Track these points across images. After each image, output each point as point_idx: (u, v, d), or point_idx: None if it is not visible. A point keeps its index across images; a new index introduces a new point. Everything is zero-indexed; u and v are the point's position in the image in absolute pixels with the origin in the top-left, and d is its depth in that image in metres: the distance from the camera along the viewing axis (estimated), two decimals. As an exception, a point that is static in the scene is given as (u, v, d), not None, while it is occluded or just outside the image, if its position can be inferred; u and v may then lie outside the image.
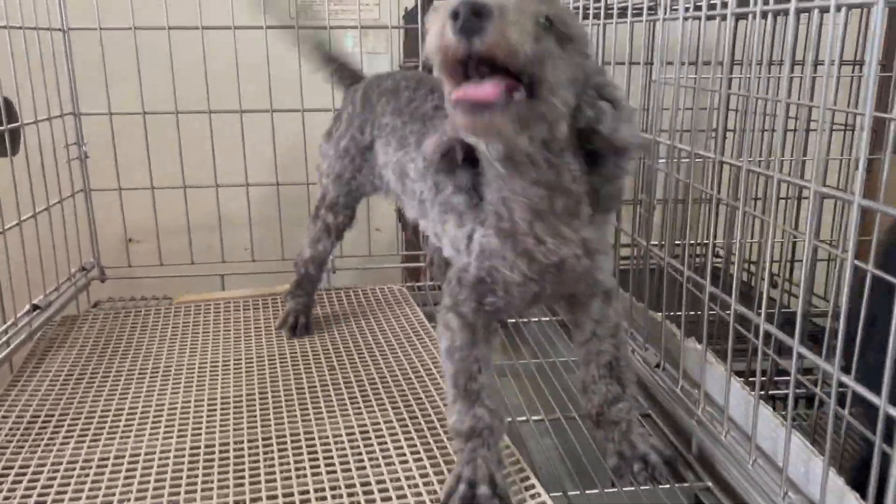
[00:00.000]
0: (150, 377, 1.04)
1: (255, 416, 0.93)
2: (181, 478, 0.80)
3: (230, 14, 1.29)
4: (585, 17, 1.16)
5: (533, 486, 0.76)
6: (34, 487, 0.78)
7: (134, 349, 1.13)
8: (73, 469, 0.82)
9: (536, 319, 1.32)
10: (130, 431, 0.90)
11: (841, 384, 0.60)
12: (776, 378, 1.18)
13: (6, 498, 0.77)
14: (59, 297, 1.25)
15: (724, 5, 0.77)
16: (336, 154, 1.10)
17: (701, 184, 1.16)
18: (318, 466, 0.81)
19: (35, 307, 1.17)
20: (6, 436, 0.89)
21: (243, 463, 0.82)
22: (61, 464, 0.83)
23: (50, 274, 1.23)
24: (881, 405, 0.55)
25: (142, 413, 0.94)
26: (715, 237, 1.44)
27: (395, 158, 0.99)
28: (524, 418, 0.97)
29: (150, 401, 0.97)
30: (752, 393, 0.75)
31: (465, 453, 0.74)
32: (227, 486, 0.78)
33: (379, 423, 0.90)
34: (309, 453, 0.84)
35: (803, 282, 0.69)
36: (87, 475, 0.81)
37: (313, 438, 0.87)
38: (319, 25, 1.34)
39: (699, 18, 0.82)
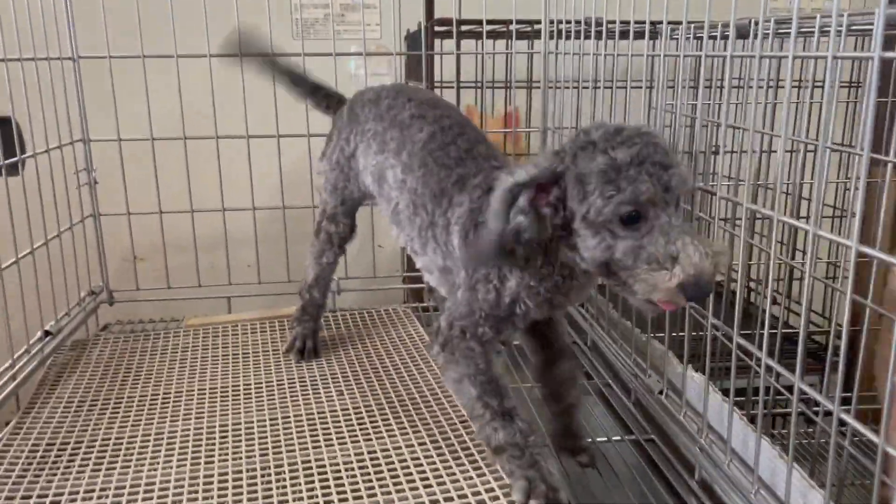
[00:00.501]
0: (162, 403, 1.06)
1: (267, 443, 0.94)
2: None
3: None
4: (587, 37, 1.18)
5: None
6: (53, 518, 0.80)
7: (145, 374, 1.15)
8: (91, 499, 0.84)
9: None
10: (145, 459, 0.91)
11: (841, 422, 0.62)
12: (777, 397, 1.20)
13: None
14: (69, 322, 1.26)
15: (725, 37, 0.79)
16: (330, 167, 1.16)
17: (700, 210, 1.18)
18: (330, 494, 0.83)
19: (47, 333, 1.18)
20: (23, 465, 0.91)
21: (256, 491, 0.84)
22: (78, 493, 0.85)
23: (60, 298, 1.25)
24: (880, 445, 0.57)
25: (155, 440, 0.96)
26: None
27: (374, 161, 1.06)
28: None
29: (162, 427, 0.99)
30: (752, 425, 0.77)
31: (526, 459, 0.81)
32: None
33: (388, 450, 0.92)
34: (321, 481, 0.86)
35: (802, 328, 0.71)
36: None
37: (324, 466, 0.89)
38: (325, 52, 1.36)
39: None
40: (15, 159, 1.11)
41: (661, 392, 0.97)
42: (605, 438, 1.03)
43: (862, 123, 0.59)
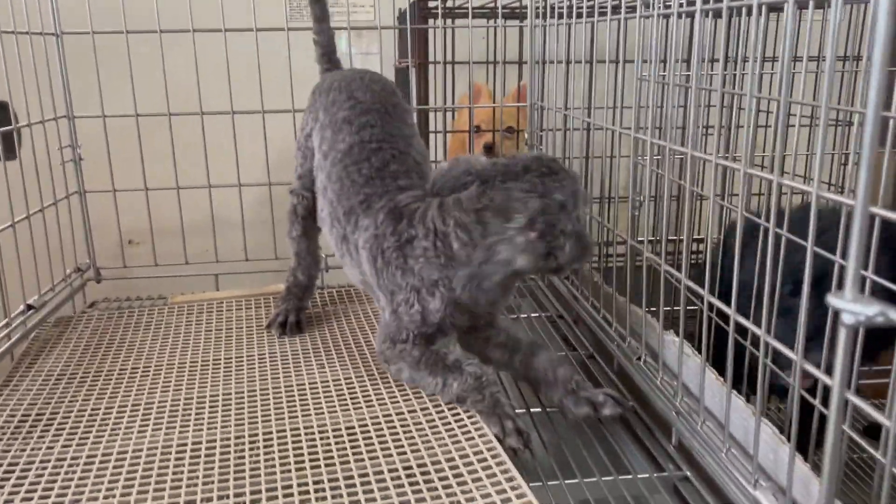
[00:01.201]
0: (142, 375, 1.06)
1: (243, 413, 0.94)
2: (179, 473, 0.81)
3: (220, 17, 1.30)
4: (579, 15, 1.17)
5: (513, 479, 0.77)
6: (21, 485, 0.80)
7: (127, 348, 1.15)
8: (61, 467, 0.83)
9: (525, 315, 1.34)
10: (119, 429, 0.91)
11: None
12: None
13: (-6, 494, 0.78)
14: (54, 298, 1.26)
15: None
16: (298, 148, 1.20)
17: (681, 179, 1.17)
18: (318, 460, 0.82)
19: (30, 307, 1.18)
20: (-4, 434, 0.90)
21: (243, 457, 0.83)
22: (49, 461, 0.84)
23: (45, 275, 1.25)
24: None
25: (131, 411, 0.95)
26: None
27: (316, 154, 1.11)
28: (522, 410, 0.98)
29: (139, 399, 0.99)
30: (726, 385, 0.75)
31: (487, 401, 0.87)
32: (228, 481, 0.79)
33: (377, 417, 0.91)
34: (309, 447, 0.85)
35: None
36: (75, 472, 0.82)
37: (313, 433, 0.88)
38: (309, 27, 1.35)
39: (692, 15, 0.83)
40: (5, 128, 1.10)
41: (639, 358, 0.96)
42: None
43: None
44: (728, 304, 0.72)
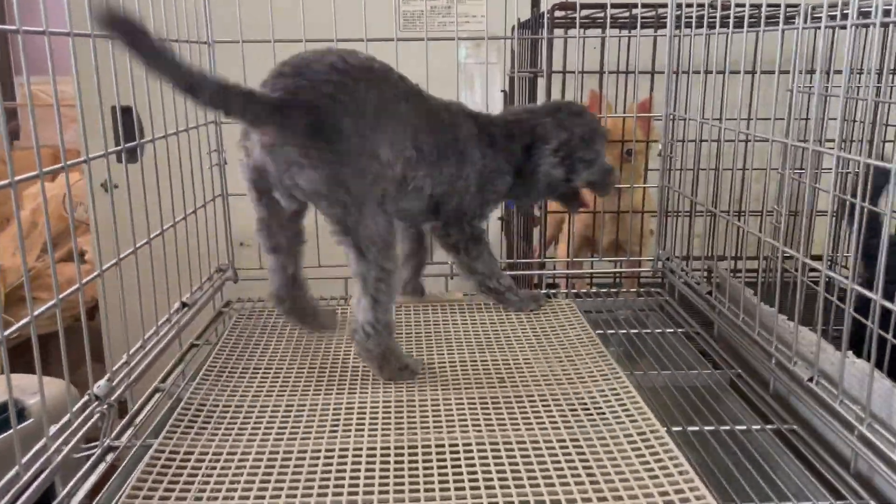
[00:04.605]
0: (319, 377, 1.06)
1: (430, 421, 0.95)
2: (356, 475, 0.83)
3: (363, 27, 1.33)
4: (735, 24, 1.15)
5: (703, 497, 0.76)
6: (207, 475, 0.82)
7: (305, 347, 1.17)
8: (232, 461, 0.86)
9: (660, 331, 1.31)
10: (298, 430, 0.93)
11: None
12: None
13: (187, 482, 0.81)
14: (202, 296, 1.31)
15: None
16: None
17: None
18: (490, 474, 0.83)
19: (184, 304, 1.23)
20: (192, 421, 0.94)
21: (416, 466, 0.85)
22: (221, 454, 0.87)
23: (193, 275, 1.30)
24: None
25: (319, 412, 0.97)
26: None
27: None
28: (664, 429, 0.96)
29: (327, 400, 1.00)
30: None
31: (517, 294, 1.32)
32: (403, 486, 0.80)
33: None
34: (481, 461, 0.85)
35: None
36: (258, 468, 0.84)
37: (484, 447, 0.89)
38: (449, 37, 1.37)
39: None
40: (149, 140, 1.14)
41: (811, 379, 0.93)
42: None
43: None
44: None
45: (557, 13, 1.58)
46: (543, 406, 0.96)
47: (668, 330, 1.32)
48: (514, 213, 1.78)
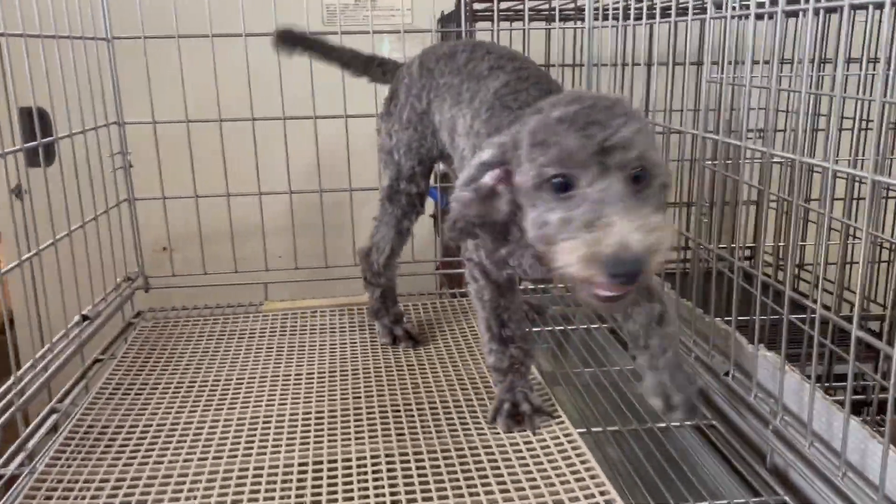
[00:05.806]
0: (235, 387, 1.02)
1: (348, 433, 0.91)
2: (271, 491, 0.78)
3: (272, 21, 1.27)
4: (637, 16, 1.14)
5: (614, 501, 0.74)
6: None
7: (210, 359, 1.12)
8: (138, 482, 0.80)
9: (585, 327, 1.30)
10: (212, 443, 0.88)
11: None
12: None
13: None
14: (106, 308, 1.24)
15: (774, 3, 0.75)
16: (401, 126, 1.10)
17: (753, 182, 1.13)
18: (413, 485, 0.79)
19: (85, 317, 1.16)
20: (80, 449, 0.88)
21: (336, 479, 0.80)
22: (126, 477, 0.81)
23: (96, 285, 1.22)
24: None
25: (222, 424, 0.92)
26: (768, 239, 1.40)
27: (448, 115, 1.02)
28: (583, 430, 0.94)
29: (230, 413, 0.95)
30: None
31: (506, 384, 0.92)
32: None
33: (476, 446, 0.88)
34: (403, 470, 0.82)
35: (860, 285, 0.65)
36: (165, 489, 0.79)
37: (407, 456, 0.85)
38: (362, 30, 1.33)
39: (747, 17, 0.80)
40: (50, 139, 1.08)
41: (727, 374, 0.92)
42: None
43: None
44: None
45: (477, 6, 1.55)
46: (457, 411, 0.93)
47: (594, 326, 1.30)
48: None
